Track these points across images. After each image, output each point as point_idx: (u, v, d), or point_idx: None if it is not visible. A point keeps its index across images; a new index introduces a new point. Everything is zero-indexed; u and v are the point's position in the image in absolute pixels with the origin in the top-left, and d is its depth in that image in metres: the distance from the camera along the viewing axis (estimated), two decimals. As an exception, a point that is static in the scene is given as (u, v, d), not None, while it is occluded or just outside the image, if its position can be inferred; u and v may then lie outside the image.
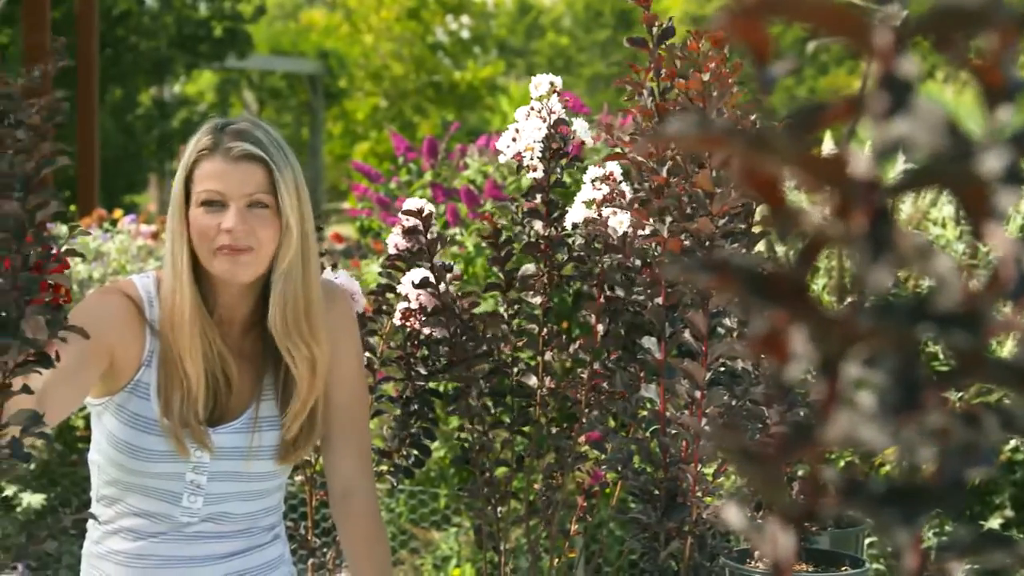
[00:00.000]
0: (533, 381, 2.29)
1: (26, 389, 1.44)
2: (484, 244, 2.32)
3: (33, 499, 4.93)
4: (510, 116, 2.86)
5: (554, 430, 2.31)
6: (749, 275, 0.53)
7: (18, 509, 4.83)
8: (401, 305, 2.28)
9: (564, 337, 2.29)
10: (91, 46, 10.24)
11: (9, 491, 4.82)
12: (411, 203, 2.27)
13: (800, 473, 1.92)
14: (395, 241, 2.29)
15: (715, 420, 1.94)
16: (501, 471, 2.34)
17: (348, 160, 20.69)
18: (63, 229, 5.51)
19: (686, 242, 2.01)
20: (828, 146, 4.04)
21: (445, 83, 21.83)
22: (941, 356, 3.43)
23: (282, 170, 1.95)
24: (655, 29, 2.19)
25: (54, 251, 1.48)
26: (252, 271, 1.96)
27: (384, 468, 2.35)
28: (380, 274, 2.36)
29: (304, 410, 2.03)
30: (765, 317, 0.52)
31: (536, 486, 2.35)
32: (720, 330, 2.02)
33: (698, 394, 1.97)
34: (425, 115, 21.65)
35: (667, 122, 0.58)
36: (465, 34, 24.69)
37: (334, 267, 2.33)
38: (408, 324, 2.27)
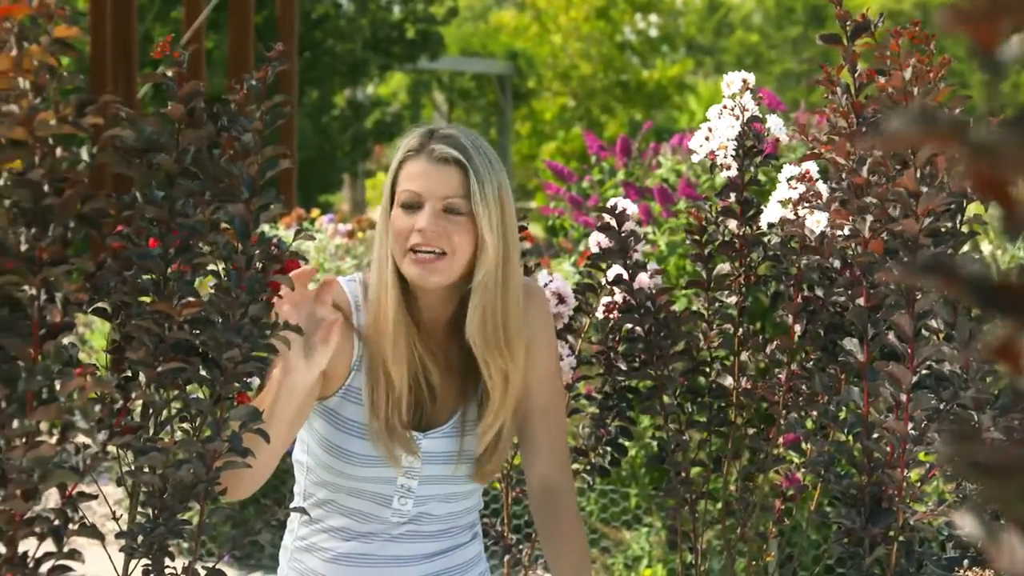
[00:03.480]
0: (729, 382, 2.26)
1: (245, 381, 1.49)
2: (688, 241, 2.29)
3: (237, 490, 5.10)
4: (698, 114, 2.84)
5: (750, 431, 2.28)
6: (981, 282, 0.51)
7: (223, 500, 5.00)
8: (604, 299, 2.28)
9: (761, 338, 2.26)
10: (291, 49, 10.57)
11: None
12: (612, 202, 2.28)
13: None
14: (597, 239, 2.28)
15: (948, 428, 1.88)
16: (696, 471, 2.32)
17: (535, 160, 20.83)
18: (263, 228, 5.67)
19: (889, 242, 1.96)
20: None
21: (633, 82, 21.78)
22: None
23: (481, 177, 1.92)
24: (849, 25, 2.13)
25: (277, 253, 1.52)
26: (442, 277, 1.94)
27: (579, 466, 2.35)
28: (579, 272, 2.36)
29: (496, 422, 2.02)
30: (1000, 324, 0.51)
31: (732, 487, 2.32)
32: (925, 332, 1.97)
33: (903, 397, 1.92)
34: (612, 114, 21.64)
35: (886, 119, 0.57)
36: (653, 32, 24.58)
37: (534, 267, 2.34)
38: (611, 317, 2.26)
